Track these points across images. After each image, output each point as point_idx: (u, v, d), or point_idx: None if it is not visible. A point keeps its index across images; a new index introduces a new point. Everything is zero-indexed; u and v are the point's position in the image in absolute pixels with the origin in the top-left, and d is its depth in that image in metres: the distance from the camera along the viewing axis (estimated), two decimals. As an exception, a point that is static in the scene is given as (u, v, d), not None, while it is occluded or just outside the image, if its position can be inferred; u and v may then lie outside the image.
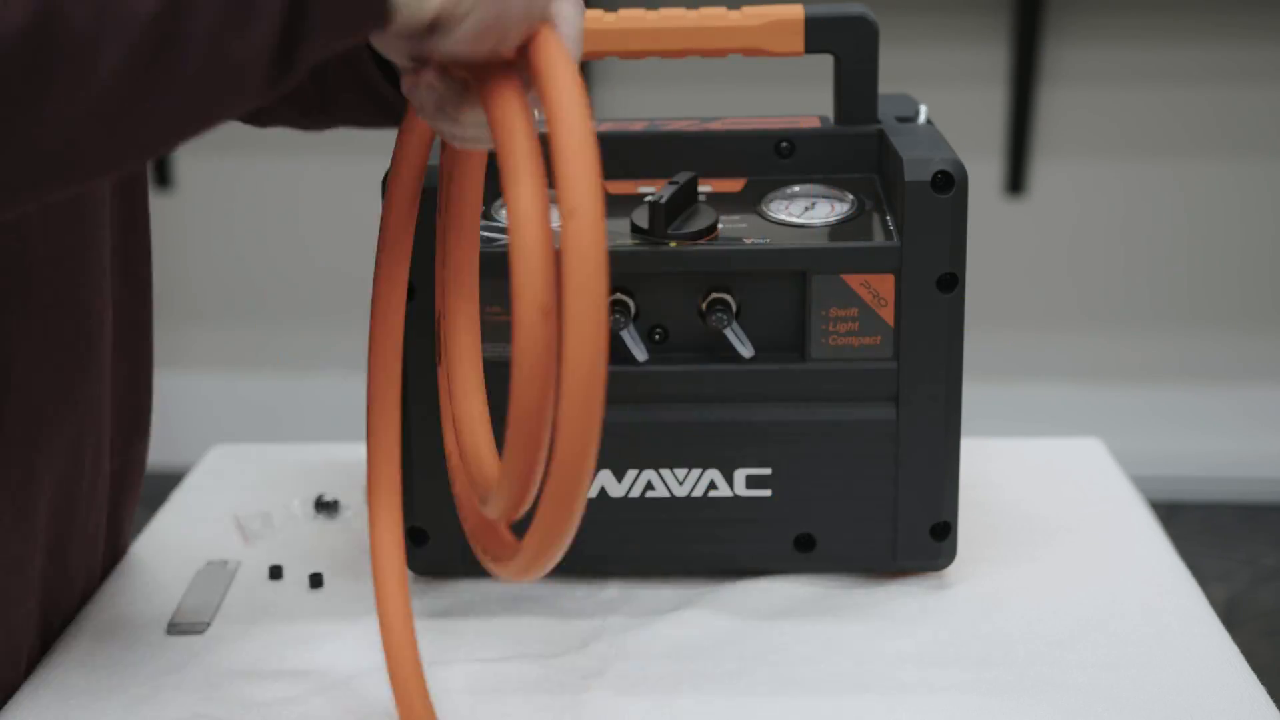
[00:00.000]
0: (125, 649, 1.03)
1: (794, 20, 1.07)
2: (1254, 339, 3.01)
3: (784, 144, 1.12)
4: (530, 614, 1.06)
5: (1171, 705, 0.94)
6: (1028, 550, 1.14)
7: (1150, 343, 3.01)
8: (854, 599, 1.07)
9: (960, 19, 2.83)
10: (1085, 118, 2.89)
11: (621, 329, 1.03)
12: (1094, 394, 3.02)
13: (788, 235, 1.04)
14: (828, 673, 0.98)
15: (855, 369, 1.05)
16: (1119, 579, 1.10)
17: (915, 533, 1.07)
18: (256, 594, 1.11)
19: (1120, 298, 3.00)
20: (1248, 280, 2.97)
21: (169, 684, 0.99)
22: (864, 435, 1.05)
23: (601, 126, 1.13)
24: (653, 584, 1.10)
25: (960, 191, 1.01)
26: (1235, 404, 3.02)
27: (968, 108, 2.87)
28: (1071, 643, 1.01)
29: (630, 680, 0.98)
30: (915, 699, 0.95)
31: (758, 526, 1.08)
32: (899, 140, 1.06)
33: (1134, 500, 1.24)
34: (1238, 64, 2.85)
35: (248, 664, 1.01)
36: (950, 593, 1.08)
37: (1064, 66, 2.86)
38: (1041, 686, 0.96)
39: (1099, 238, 2.97)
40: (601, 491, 1.07)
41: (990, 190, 2.92)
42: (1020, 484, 1.26)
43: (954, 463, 1.06)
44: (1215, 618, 1.06)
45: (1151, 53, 2.85)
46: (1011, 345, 3.00)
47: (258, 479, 1.30)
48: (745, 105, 1.50)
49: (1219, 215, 2.94)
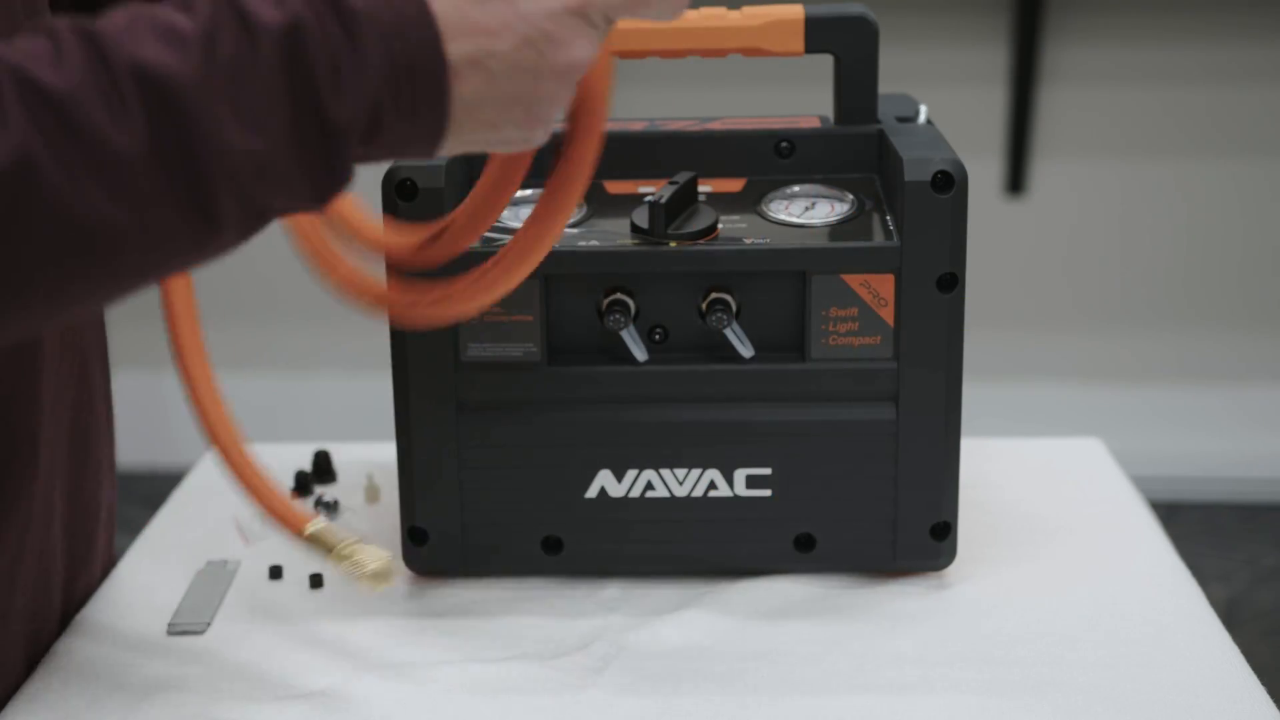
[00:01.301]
0: (125, 649, 1.03)
1: (794, 20, 1.07)
2: (1254, 339, 3.01)
3: (784, 144, 1.12)
4: (530, 614, 1.06)
5: (1171, 705, 0.94)
6: (1028, 550, 1.14)
7: (1150, 343, 3.02)
8: (854, 599, 1.07)
9: (960, 19, 2.83)
10: (1085, 118, 2.89)
11: (621, 329, 1.03)
12: (1094, 394, 3.02)
13: (788, 235, 1.04)
14: (827, 672, 0.98)
15: (855, 369, 1.05)
16: (1119, 579, 1.10)
17: (915, 533, 1.07)
18: (257, 594, 1.10)
19: (1120, 298, 3.00)
20: (1247, 280, 2.97)
21: (169, 684, 0.99)
22: (864, 435, 1.05)
23: (601, 126, 1.14)
24: (653, 584, 1.10)
25: (960, 191, 1.01)
26: (1235, 404, 3.02)
27: (968, 108, 2.87)
28: (1071, 642, 1.01)
29: (630, 680, 0.98)
30: (915, 699, 0.95)
31: (758, 526, 1.08)
32: (899, 140, 1.06)
33: (1134, 500, 1.24)
34: (1237, 64, 2.85)
35: (248, 664, 1.01)
36: (950, 593, 1.08)
37: (1064, 66, 2.86)
38: (1041, 686, 0.96)
39: (1099, 238, 2.97)
40: (601, 491, 1.07)
41: (990, 190, 2.92)
42: (1020, 484, 1.26)
43: (954, 463, 1.06)
44: (1215, 618, 1.06)
45: (1151, 53, 2.85)
46: (1011, 345, 3.00)
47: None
48: (745, 105, 1.50)
49: (1218, 215, 2.94)
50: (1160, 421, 3.01)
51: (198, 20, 0.69)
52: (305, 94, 0.70)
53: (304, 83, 0.70)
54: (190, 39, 0.68)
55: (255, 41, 0.69)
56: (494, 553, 1.09)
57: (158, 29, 0.68)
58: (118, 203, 0.68)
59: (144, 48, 0.67)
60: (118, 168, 0.68)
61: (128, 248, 0.69)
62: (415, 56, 0.72)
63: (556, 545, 1.09)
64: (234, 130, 0.69)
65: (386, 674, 0.99)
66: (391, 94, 0.72)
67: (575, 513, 1.08)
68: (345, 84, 0.71)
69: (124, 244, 0.69)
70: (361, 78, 0.71)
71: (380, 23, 0.71)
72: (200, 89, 0.68)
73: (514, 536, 1.09)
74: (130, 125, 0.67)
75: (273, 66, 0.69)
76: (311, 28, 0.70)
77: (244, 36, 0.69)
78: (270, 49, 0.69)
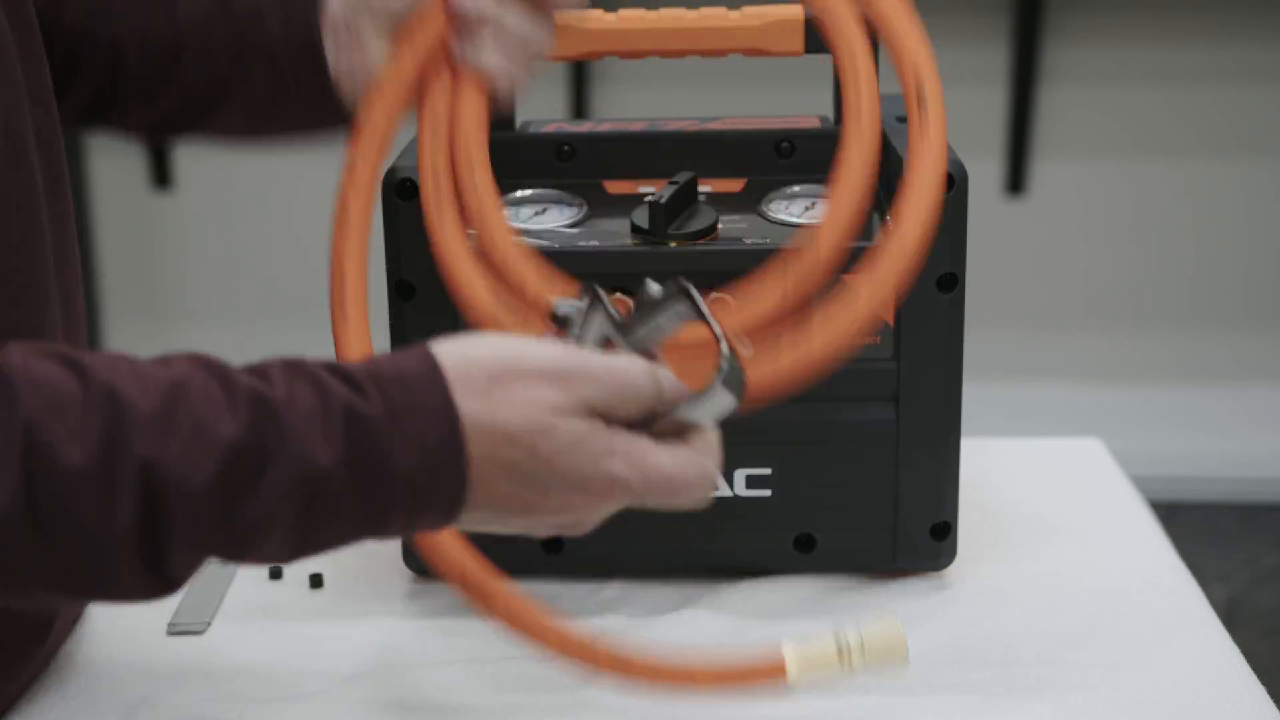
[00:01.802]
0: (125, 649, 1.03)
1: (794, 20, 1.07)
2: (1254, 339, 3.00)
3: (784, 144, 1.11)
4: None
5: (1171, 705, 0.94)
6: (1028, 550, 1.14)
7: (1150, 342, 3.01)
8: (854, 599, 1.07)
9: (960, 19, 2.83)
10: (1085, 117, 2.89)
11: (622, 329, 1.03)
12: (1094, 394, 3.02)
13: (788, 235, 1.04)
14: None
15: (855, 369, 1.04)
16: (1119, 579, 1.10)
17: (915, 533, 1.07)
18: (257, 594, 1.10)
19: (1120, 297, 3.00)
20: (1248, 280, 2.97)
21: (169, 685, 0.99)
22: (864, 435, 1.05)
23: (601, 126, 1.13)
24: (653, 584, 1.10)
25: (960, 191, 1.01)
26: (1235, 404, 3.01)
27: (968, 108, 2.87)
28: (1071, 643, 1.01)
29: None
30: (915, 699, 0.95)
31: (758, 526, 1.07)
32: (899, 141, 1.06)
33: (1134, 500, 1.24)
34: (1237, 64, 2.85)
35: (248, 664, 1.01)
36: (950, 593, 1.08)
37: (1064, 66, 2.86)
38: (1041, 686, 0.96)
39: (1099, 237, 2.97)
40: (601, 491, 1.07)
41: (990, 190, 2.92)
42: (1020, 484, 1.26)
43: (954, 463, 1.06)
44: (1215, 618, 1.06)
45: (1151, 53, 2.85)
46: (1011, 345, 3.00)
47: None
48: (745, 105, 1.49)
49: (1219, 215, 2.94)
50: (1160, 421, 3.01)
51: (240, 422, 0.69)
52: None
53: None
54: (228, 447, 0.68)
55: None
56: (494, 553, 1.09)
57: (198, 426, 0.68)
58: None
59: (170, 450, 0.67)
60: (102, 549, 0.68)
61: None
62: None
63: (556, 545, 1.09)
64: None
65: (386, 674, 0.99)
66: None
67: (575, 513, 1.07)
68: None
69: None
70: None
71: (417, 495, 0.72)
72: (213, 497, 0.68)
73: (514, 537, 1.08)
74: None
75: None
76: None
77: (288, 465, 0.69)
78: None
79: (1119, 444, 1.41)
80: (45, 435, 0.66)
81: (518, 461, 0.73)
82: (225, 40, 1.02)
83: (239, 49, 1.01)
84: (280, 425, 0.69)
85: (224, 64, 1.02)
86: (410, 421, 0.71)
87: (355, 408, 0.70)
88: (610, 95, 2.91)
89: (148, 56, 1.02)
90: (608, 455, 0.75)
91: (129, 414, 0.67)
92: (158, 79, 1.02)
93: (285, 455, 0.69)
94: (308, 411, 0.69)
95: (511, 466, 0.73)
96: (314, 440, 0.69)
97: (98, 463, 0.66)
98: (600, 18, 1.07)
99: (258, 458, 0.68)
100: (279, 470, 0.68)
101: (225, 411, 0.68)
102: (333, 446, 0.69)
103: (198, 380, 0.70)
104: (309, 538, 0.72)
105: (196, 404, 0.69)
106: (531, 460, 0.73)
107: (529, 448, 0.73)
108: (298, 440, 0.69)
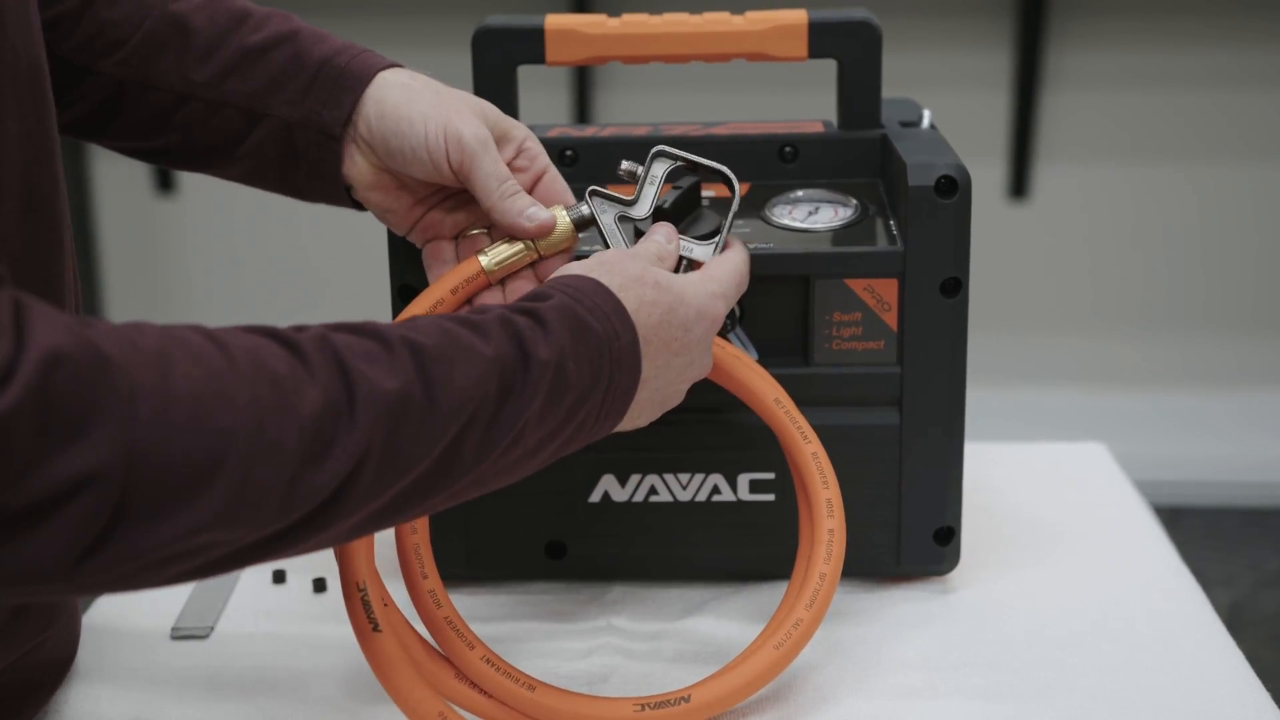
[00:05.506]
0: (129, 654, 1.03)
1: (797, 25, 1.07)
2: (1258, 344, 3.00)
3: (787, 149, 1.12)
4: (534, 619, 1.06)
5: (1175, 710, 0.94)
6: (1031, 555, 1.14)
7: (1154, 347, 3.01)
8: (858, 604, 1.07)
9: (963, 23, 2.83)
10: (1088, 122, 2.89)
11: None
12: (1098, 398, 3.02)
13: (791, 240, 1.04)
14: (832, 678, 0.98)
15: (858, 373, 1.05)
16: (1123, 584, 1.10)
17: (919, 537, 1.07)
18: (260, 598, 1.11)
19: (1123, 302, 3.00)
20: (1251, 285, 2.97)
21: (173, 689, 0.99)
22: (867, 440, 1.05)
23: (605, 131, 1.14)
24: (656, 589, 1.10)
25: (964, 196, 1.01)
26: (1239, 409, 3.01)
27: (971, 112, 2.87)
28: (1075, 647, 1.01)
29: (634, 685, 0.98)
30: (920, 704, 0.95)
31: (761, 531, 1.08)
32: (902, 145, 1.06)
33: (1138, 505, 1.24)
34: (1240, 68, 2.85)
35: (251, 668, 1.01)
36: (954, 597, 1.08)
37: (1067, 71, 2.86)
38: (1045, 691, 0.96)
39: (1102, 242, 2.97)
40: (605, 496, 1.07)
41: (993, 195, 2.92)
42: (1024, 488, 1.26)
43: (957, 467, 1.06)
44: (1219, 622, 1.06)
45: (1154, 57, 2.85)
46: (1015, 349, 3.00)
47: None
48: (748, 110, 1.49)
49: (1222, 219, 2.94)
50: (1164, 426, 3.01)
51: (492, 345, 0.79)
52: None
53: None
54: (490, 361, 0.78)
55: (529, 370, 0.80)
56: (497, 558, 1.09)
57: (465, 348, 0.78)
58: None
59: (458, 372, 0.77)
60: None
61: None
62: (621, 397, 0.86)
63: (560, 550, 1.09)
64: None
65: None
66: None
67: (579, 518, 1.08)
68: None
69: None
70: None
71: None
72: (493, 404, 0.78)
73: (517, 541, 1.09)
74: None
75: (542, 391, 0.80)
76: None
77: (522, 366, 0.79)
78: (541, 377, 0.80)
79: (1123, 449, 1.41)
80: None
81: (655, 299, 0.87)
82: (240, 103, 0.98)
83: (256, 114, 0.98)
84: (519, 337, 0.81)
85: (236, 123, 0.98)
86: (588, 301, 0.84)
87: (547, 311, 0.83)
88: (613, 100, 2.91)
89: (148, 104, 0.99)
90: (700, 279, 0.92)
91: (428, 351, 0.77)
92: (157, 122, 1.00)
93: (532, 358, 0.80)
94: (526, 327, 0.81)
95: (654, 304, 0.87)
96: (539, 342, 0.80)
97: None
98: (603, 23, 1.07)
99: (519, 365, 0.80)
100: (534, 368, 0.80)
101: (480, 341, 0.79)
102: (556, 341, 0.81)
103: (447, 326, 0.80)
104: (551, 412, 0.81)
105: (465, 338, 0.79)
106: (661, 292, 0.88)
107: (654, 282, 0.88)
108: (533, 345, 0.80)
